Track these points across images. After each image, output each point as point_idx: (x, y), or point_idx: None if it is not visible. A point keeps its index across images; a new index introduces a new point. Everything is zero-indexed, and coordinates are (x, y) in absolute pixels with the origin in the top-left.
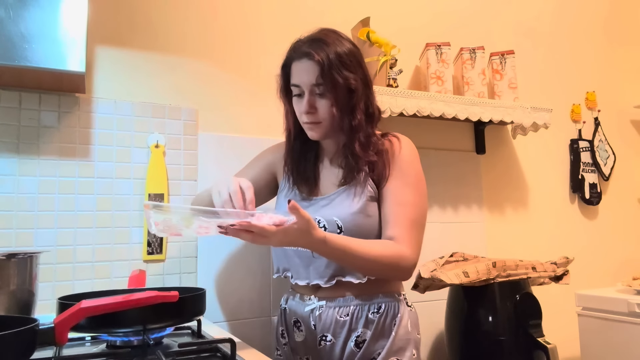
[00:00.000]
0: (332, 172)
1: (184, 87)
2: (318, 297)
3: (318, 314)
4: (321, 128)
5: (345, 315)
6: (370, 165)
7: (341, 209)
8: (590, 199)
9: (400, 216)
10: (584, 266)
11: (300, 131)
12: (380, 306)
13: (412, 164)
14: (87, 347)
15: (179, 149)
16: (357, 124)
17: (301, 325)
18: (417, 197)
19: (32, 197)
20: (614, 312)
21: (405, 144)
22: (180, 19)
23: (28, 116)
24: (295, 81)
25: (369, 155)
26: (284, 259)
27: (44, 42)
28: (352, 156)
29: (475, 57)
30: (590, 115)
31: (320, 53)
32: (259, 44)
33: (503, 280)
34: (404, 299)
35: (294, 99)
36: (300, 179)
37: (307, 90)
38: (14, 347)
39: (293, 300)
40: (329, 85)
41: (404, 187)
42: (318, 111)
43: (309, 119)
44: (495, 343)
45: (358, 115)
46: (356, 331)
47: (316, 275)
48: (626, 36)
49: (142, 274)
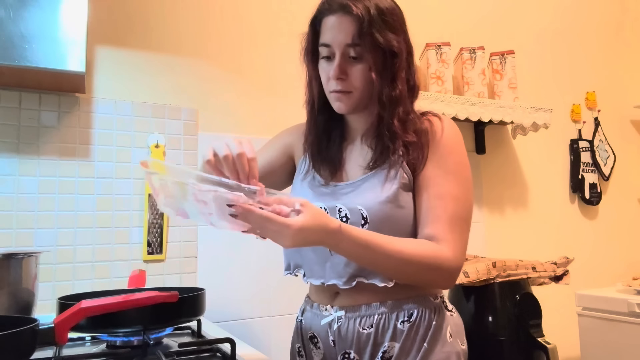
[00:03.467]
0: (360, 154)
1: (184, 87)
2: (336, 306)
3: (337, 327)
4: (351, 99)
5: (368, 326)
6: (406, 147)
7: (368, 196)
8: (590, 199)
9: (441, 211)
10: (584, 266)
11: (325, 103)
12: (412, 313)
13: (456, 149)
14: (87, 347)
15: (179, 149)
16: (398, 95)
17: (318, 341)
18: (461, 188)
19: (32, 197)
20: (614, 312)
21: (448, 125)
22: (181, 20)
23: (28, 116)
24: (325, 40)
25: (407, 134)
26: (297, 254)
27: (44, 42)
28: (389, 134)
29: (475, 57)
30: (590, 115)
31: (358, 5)
32: (259, 44)
33: (503, 280)
34: (442, 303)
35: (322, 62)
36: (321, 161)
37: (340, 52)
38: (14, 347)
39: (309, 311)
40: (368, 46)
41: (445, 177)
42: (350, 78)
43: (339, 87)
44: (495, 343)
45: (399, 85)
46: (382, 345)
47: (333, 273)
48: (626, 36)
49: (142, 274)
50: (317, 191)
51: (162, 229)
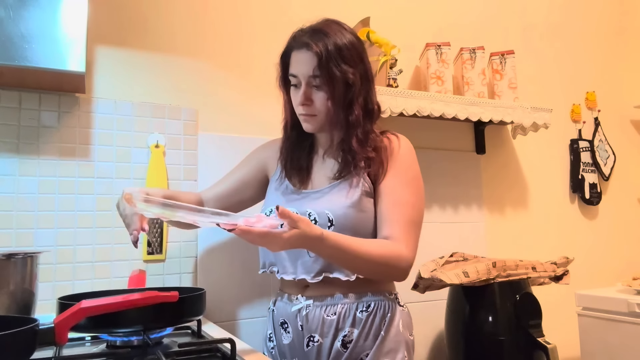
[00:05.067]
0: (327, 165)
1: (184, 87)
2: (305, 296)
3: (305, 313)
4: (316, 121)
5: (332, 314)
6: (367, 161)
7: (334, 202)
8: (590, 199)
9: (398, 215)
10: (584, 266)
11: (297, 122)
12: (370, 305)
13: (411, 163)
14: (87, 347)
15: (179, 149)
16: (354, 119)
17: (288, 326)
18: (415, 196)
19: (32, 197)
20: (614, 312)
21: (404, 142)
22: (181, 20)
23: (28, 116)
24: (293, 71)
25: (366, 151)
26: (270, 253)
27: (44, 42)
28: (349, 151)
29: (475, 57)
30: (590, 115)
31: (319, 44)
32: (259, 44)
33: (503, 280)
34: (396, 298)
35: (292, 89)
36: (292, 169)
37: (304, 82)
38: (14, 347)
39: (281, 301)
40: (326, 78)
41: (402, 186)
42: (314, 103)
43: (304, 111)
44: (495, 343)
45: (355, 110)
46: (343, 330)
47: (303, 270)
48: (626, 36)
49: (142, 274)
50: (289, 197)
51: (162, 229)
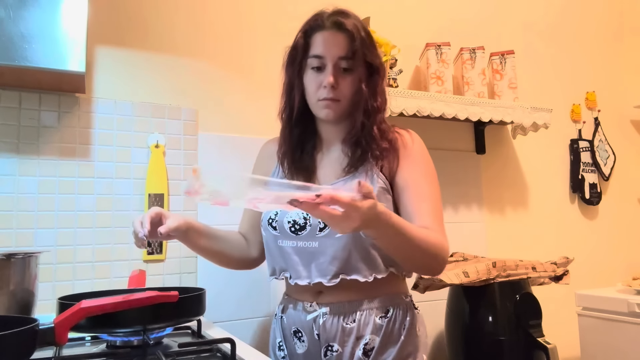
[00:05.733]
0: (335, 161)
1: (184, 87)
2: (320, 303)
3: (322, 322)
4: (339, 107)
5: (351, 322)
6: (381, 153)
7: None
8: (590, 199)
9: (427, 207)
10: (584, 266)
11: (304, 112)
12: (388, 310)
13: (426, 156)
14: (87, 347)
15: (179, 149)
16: (379, 105)
17: (303, 335)
18: (436, 190)
19: (32, 197)
20: (614, 312)
21: (416, 136)
22: (181, 20)
23: (28, 116)
24: (318, 52)
25: (384, 141)
26: (280, 259)
27: (43, 42)
28: (368, 140)
29: (475, 57)
30: (590, 115)
31: (352, 25)
32: (259, 44)
33: (503, 280)
34: (411, 301)
35: (310, 72)
36: (296, 170)
37: (332, 63)
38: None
39: (292, 308)
40: (360, 60)
41: (424, 179)
42: (340, 87)
43: (330, 94)
44: (495, 343)
45: (379, 96)
46: (364, 338)
47: (318, 273)
48: (626, 36)
49: (142, 274)
50: None
51: None
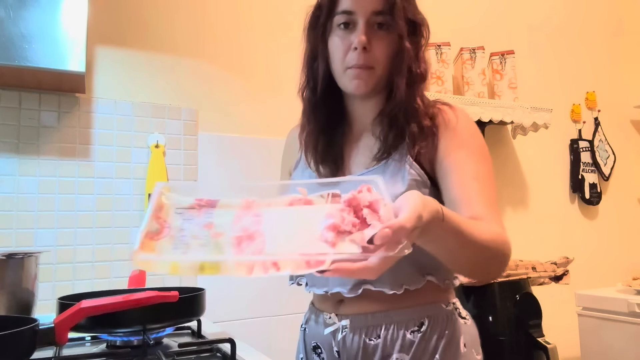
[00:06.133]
0: (365, 146)
1: (184, 87)
2: (340, 314)
3: (341, 336)
4: (372, 77)
5: (375, 337)
6: (421, 134)
7: None
8: (590, 199)
9: (477, 192)
10: (584, 266)
11: (330, 84)
12: (422, 322)
13: (475, 132)
14: (87, 347)
15: (179, 149)
16: (422, 72)
17: (322, 351)
18: (488, 171)
19: (32, 197)
20: (614, 312)
21: (461, 112)
22: (181, 20)
23: (28, 116)
24: (346, 6)
25: (426, 117)
26: None
27: (43, 42)
28: (407, 116)
29: (475, 57)
30: (590, 115)
31: None
32: (259, 44)
33: (503, 280)
34: (455, 310)
35: (337, 33)
36: (321, 161)
37: (364, 19)
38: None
39: (314, 320)
40: (399, 16)
41: (473, 158)
42: (373, 50)
43: (361, 60)
44: (495, 343)
45: (422, 63)
46: (391, 357)
47: (337, 281)
48: (626, 36)
49: (142, 274)
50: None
51: None
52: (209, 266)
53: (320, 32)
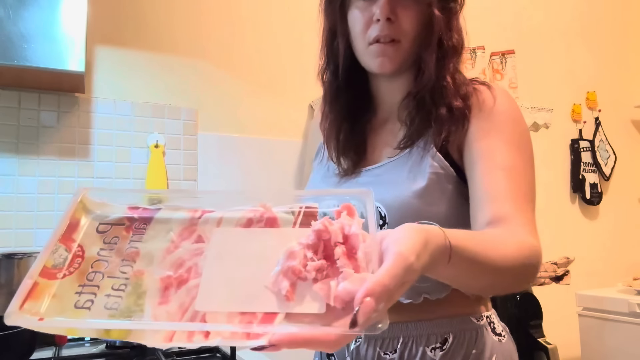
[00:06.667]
0: (389, 133)
1: (184, 87)
2: None
3: (354, 347)
4: (399, 52)
5: (391, 351)
6: (450, 117)
7: (390, 189)
8: (590, 199)
9: (505, 186)
10: (585, 266)
11: (352, 65)
12: (446, 338)
13: (515, 116)
14: (87, 347)
15: (179, 149)
16: (456, 45)
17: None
18: (526, 162)
19: (32, 197)
20: (615, 312)
21: (501, 91)
22: (181, 20)
23: (27, 116)
24: None
25: (458, 97)
26: None
27: (43, 42)
28: (435, 96)
29: (475, 57)
30: (591, 115)
31: None
32: (259, 44)
33: None
34: (489, 324)
35: (357, 4)
36: (343, 150)
37: None
38: (14, 347)
39: None
40: None
41: (506, 146)
42: (399, 21)
43: (385, 31)
44: None
45: (455, 34)
46: None
47: None
48: (627, 36)
49: None
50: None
51: None
52: (116, 332)
53: (339, 6)
